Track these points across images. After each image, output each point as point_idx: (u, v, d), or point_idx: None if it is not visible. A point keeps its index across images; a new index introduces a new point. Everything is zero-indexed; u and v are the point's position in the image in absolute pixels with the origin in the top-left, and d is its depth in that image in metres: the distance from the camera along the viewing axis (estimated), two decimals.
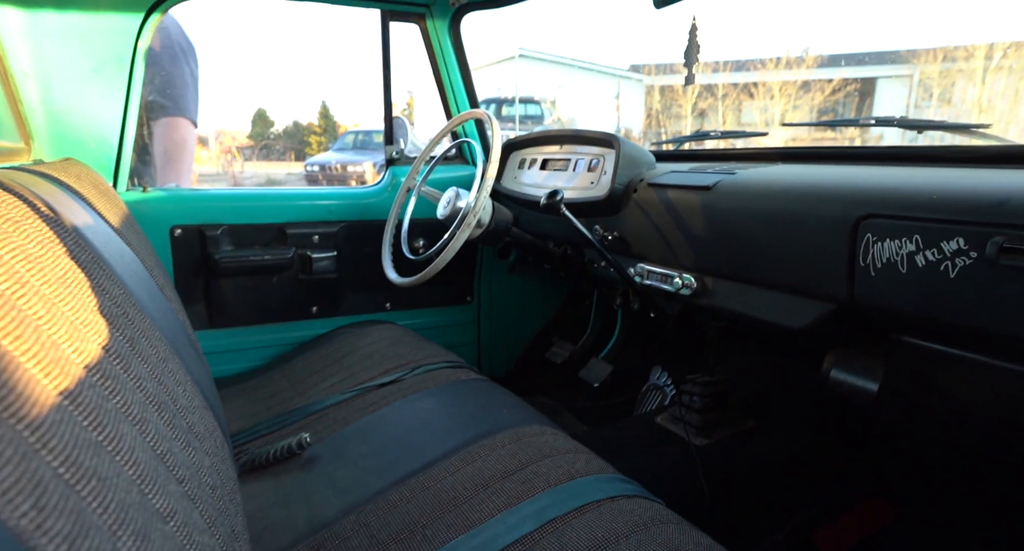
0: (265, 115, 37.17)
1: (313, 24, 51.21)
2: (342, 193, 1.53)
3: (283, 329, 1.48)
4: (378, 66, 1.55)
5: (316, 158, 12.70)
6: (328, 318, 1.53)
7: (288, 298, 1.47)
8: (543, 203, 1.10)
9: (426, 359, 1.23)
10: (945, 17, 28.20)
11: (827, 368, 0.95)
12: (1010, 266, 0.62)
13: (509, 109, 12.75)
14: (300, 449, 0.91)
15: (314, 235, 1.45)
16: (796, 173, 0.96)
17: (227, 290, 1.39)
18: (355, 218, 1.51)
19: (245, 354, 1.45)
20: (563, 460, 0.81)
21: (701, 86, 14.66)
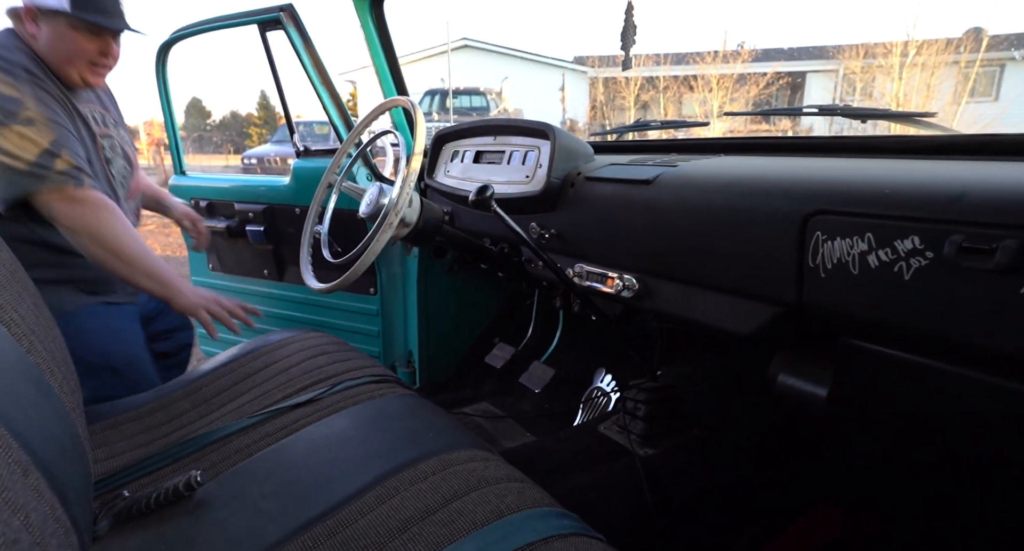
0: (200, 105, 35.15)
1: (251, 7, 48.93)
2: (264, 182, 1.89)
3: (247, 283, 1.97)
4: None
5: (254, 151, 12.41)
6: (277, 282, 1.94)
7: (245, 260, 1.97)
8: (472, 199, 1.00)
9: (348, 373, 1.11)
10: (865, 14, 29.84)
11: (774, 373, 0.89)
12: (970, 267, 0.57)
13: (453, 101, 12.53)
14: (189, 490, 0.77)
15: (249, 212, 1.84)
16: (741, 165, 0.89)
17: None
18: (276, 202, 1.81)
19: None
20: (492, 493, 0.71)
21: (643, 78, 14.89)
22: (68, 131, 1.16)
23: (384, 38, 1.46)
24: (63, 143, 1.12)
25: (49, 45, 1.17)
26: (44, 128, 1.11)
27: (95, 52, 1.18)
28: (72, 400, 0.75)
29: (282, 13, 1.51)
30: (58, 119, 1.14)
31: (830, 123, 8.44)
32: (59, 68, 1.20)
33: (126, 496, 0.76)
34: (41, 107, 1.12)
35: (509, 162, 1.24)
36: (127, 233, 1.13)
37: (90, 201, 1.12)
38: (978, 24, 13.46)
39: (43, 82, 1.15)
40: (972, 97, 12.70)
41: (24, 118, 1.10)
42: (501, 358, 1.62)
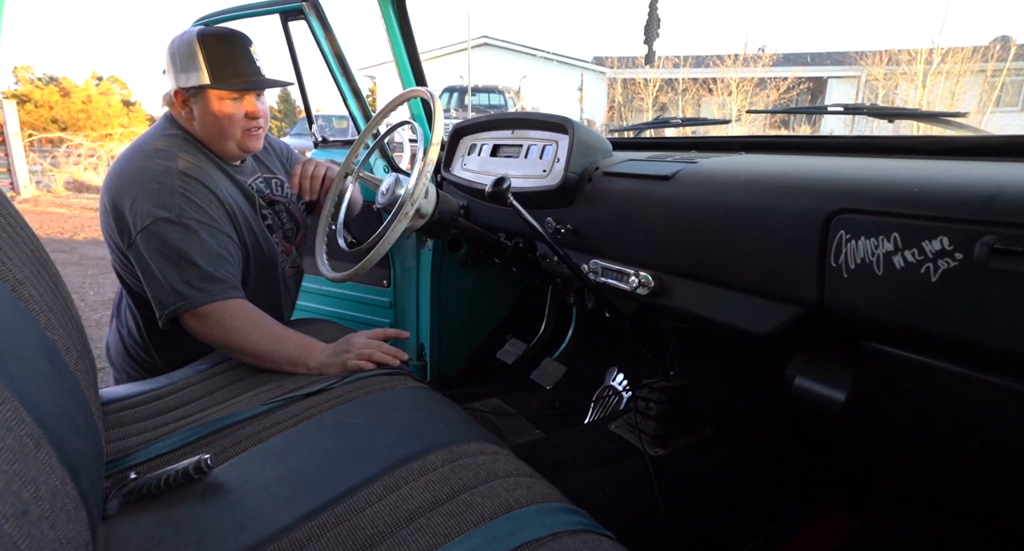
0: None
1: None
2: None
3: None
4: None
5: None
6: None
7: None
8: (488, 191, 0.99)
9: None
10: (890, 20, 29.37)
11: (791, 375, 0.88)
12: (1002, 270, 0.55)
13: (472, 98, 12.52)
14: (199, 473, 0.78)
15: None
16: (763, 163, 0.88)
17: None
18: None
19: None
20: (501, 487, 0.70)
21: (662, 80, 14.77)
22: (213, 228, 1.14)
23: (405, 29, 1.45)
24: (192, 259, 1.10)
25: (203, 123, 1.18)
26: (201, 238, 1.11)
27: (243, 117, 1.17)
28: (87, 379, 0.75)
29: (304, 3, 1.51)
30: (203, 219, 1.13)
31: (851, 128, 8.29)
32: (218, 144, 1.20)
33: (134, 478, 0.76)
34: (188, 212, 1.11)
35: (527, 156, 1.24)
36: (256, 331, 1.10)
37: (214, 314, 1.10)
38: (1006, 33, 13.16)
39: (193, 181, 1.14)
40: (997, 106, 12.45)
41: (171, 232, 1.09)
42: (513, 354, 1.61)
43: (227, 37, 1.16)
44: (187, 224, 1.10)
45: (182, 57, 1.14)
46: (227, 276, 1.14)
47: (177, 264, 1.10)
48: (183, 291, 1.10)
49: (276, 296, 1.38)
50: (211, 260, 1.12)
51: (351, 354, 1.09)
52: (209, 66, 1.13)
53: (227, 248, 1.17)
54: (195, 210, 1.12)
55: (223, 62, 1.13)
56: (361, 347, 1.10)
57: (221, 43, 1.14)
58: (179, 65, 1.15)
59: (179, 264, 1.10)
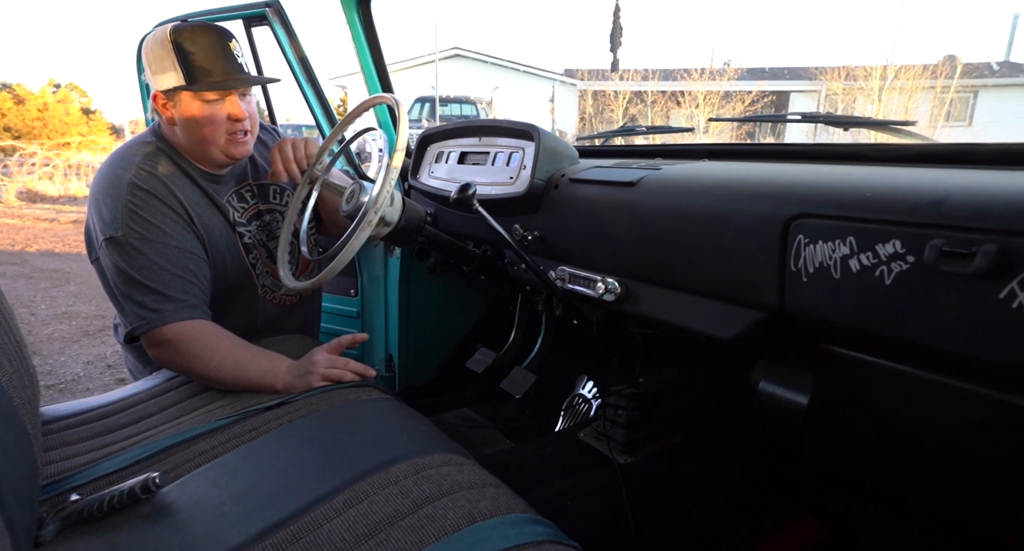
0: None
1: None
2: None
3: None
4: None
5: None
6: None
7: None
8: (453, 197, 0.98)
9: None
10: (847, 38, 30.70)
11: (755, 379, 0.88)
12: (950, 272, 0.56)
13: (443, 109, 12.53)
14: (146, 493, 0.74)
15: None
16: (724, 170, 0.89)
17: None
18: None
19: None
20: (465, 498, 0.69)
21: (631, 92, 15.06)
22: (167, 245, 1.07)
23: (371, 36, 1.44)
24: (141, 280, 1.04)
25: (183, 129, 1.09)
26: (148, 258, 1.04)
27: (225, 119, 1.09)
28: (23, 396, 0.71)
29: (268, 8, 1.49)
30: (152, 236, 1.06)
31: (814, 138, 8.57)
32: (201, 152, 1.12)
33: (75, 500, 0.71)
34: (134, 230, 1.04)
35: (494, 163, 1.23)
36: (216, 357, 1.04)
37: (171, 338, 1.04)
38: (953, 52, 13.85)
39: (144, 194, 1.06)
40: (947, 121, 13.06)
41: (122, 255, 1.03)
42: (482, 363, 1.59)
43: (202, 32, 1.06)
44: (133, 244, 1.04)
45: (156, 57, 1.05)
46: (183, 295, 1.07)
47: (128, 284, 1.04)
48: (138, 313, 1.04)
49: (250, 322, 1.28)
50: (163, 280, 1.05)
51: (315, 374, 1.04)
52: (183, 65, 1.03)
53: (184, 266, 1.09)
54: (143, 227, 1.05)
55: (198, 60, 1.04)
56: (325, 365, 1.05)
57: (196, 39, 1.05)
58: (153, 66, 1.07)
59: (129, 284, 1.04)
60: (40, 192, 10.00)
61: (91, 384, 2.55)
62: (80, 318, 3.43)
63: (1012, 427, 0.58)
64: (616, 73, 14.91)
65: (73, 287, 4.14)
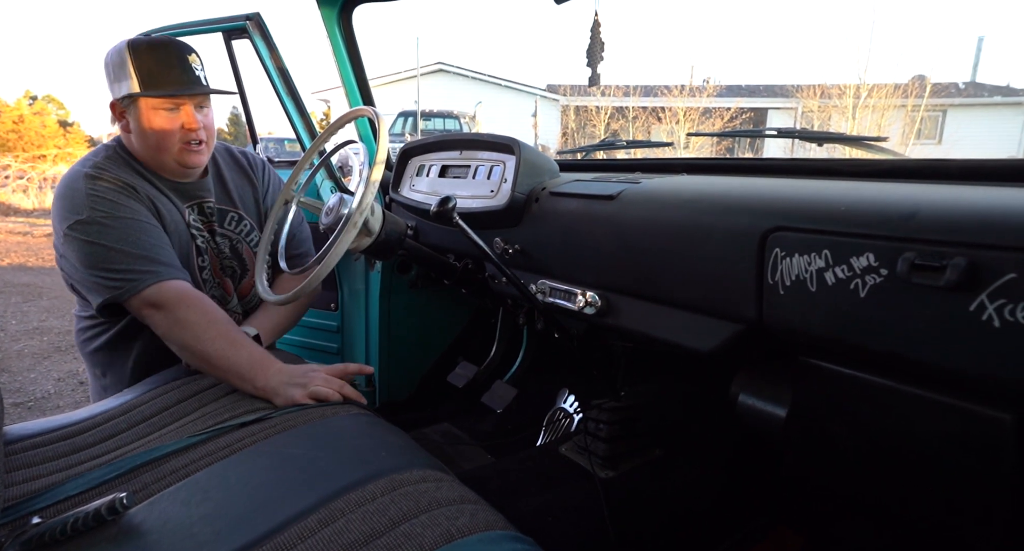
0: None
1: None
2: None
3: None
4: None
5: None
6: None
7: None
8: (433, 210, 0.98)
9: None
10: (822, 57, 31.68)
11: (735, 392, 0.89)
12: (922, 284, 0.57)
13: (426, 123, 12.57)
14: (112, 514, 0.71)
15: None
16: (703, 183, 0.90)
17: None
18: None
19: None
20: (443, 515, 0.67)
21: (613, 108, 15.28)
22: (137, 221, 1.08)
23: (351, 48, 1.44)
24: (121, 247, 1.04)
25: (137, 136, 1.11)
26: (123, 230, 1.04)
27: (179, 128, 1.10)
28: None
29: (248, 22, 1.48)
30: (120, 213, 1.06)
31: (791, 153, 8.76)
32: (155, 159, 1.12)
33: (36, 523, 0.69)
34: (99, 209, 1.04)
35: (475, 176, 1.23)
36: (211, 331, 1.02)
37: (168, 300, 1.03)
38: (923, 72, 14.34)
39: (102, 183, 1.07)
40: (918, 139, 13.46)
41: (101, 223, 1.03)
42: (463, 377, 1.58)
43: (160, 44, 1.08)
44: (102, 221, 1.03)
45: (114, 66, 1.08)
46: (169, 260, 1.07)
47: (107, 256, 1.02)
48: (125, 277, 1.02)
49: None
50: (144, 246, 1.05)
51: (306, 390, 1.00)
52: (139, 73, 1.05)
53: (159, 237, 1.08)
54: (109, 207, 1.05)
55: (154, 69, 1.06)
56: (320, 384, 1.02)
57: (153, 50, 1.07)
58: (112, 75, 1.09)
59: (109, 255, 1.02)
60: (14, 205, 9.79)
61: (62, 401, 2.47)
62: (52, 334, 3.33)
63: (983, 438, 0.59)
64: (595, 88, 15.14)
65: (45, 302, 4.03)
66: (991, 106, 14.54)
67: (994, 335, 0.53)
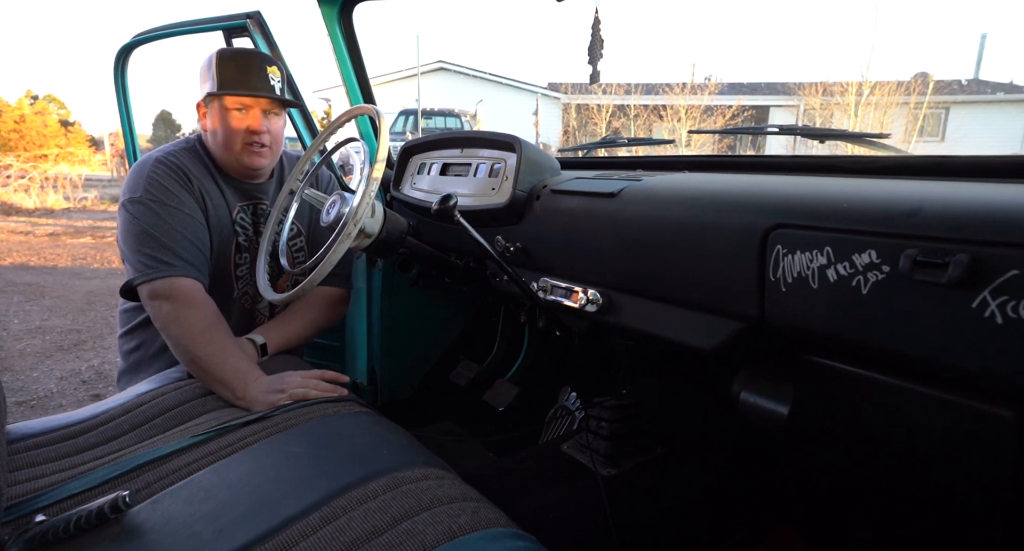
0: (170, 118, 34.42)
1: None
2: None
3: None
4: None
5: None
6: None
7: None
8: (434, 209, 0.98)
9: None
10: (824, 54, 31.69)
11: (737, 390, 0.88)
12: (924, 281, 0.57)
13: (427, 121, 12.56)
14: (115, 513, 0.71)
15: None
16: (704, 181, 0.90)
17: None
18: None
19: None
20: (445, 513, 0.67)
21: (615, 106, 15.25)
22: (180, 211, 1.15)
23: (352, 47, 1.44)
24: (152, 233, 1.11)
25: (211, 134, 1.21)
26: (163, 217, 1.12)
27: (244, 129, 1.18)
28: None
29: (249, 20, 1.48)
30: (169, 201, 1.14)
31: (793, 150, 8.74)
32: (220, 155, 1.21)
33: (40, 521, 0.69)
34: (152, 192, 1.13)
35: (476, 174, 1.23)
36: (205, 334, 1.08)
37: (172, 294, 1.10)
38: (925, 69, 14.28)
39: (166, 168, 1.16)
40: (921, 136, 13.41)
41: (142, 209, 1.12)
42: (465, 376, 1.58)
43: (243, 54, 1.20)
44: (149, 204, 1.12)
45: (203, 70, 1.19)
46: (191, 257, 1.14)
47: (140, 237, 1.11)
48: (147, 263, 1.10)
49: None
50: (174, 238, 1.12)
51: (283, 394, 1.03)
52: (220, 76, 1.16)
53: (193, 232, 1.16)
54: (161, 192, 1.13)
55: (234, 74, 1.16)
56: (296, 386, 1.05)
57: (236, 58, 1.18)
58: (201, 78, 1.19)
59: (142, 237, 1.11)
60: (15, 205, 9.79)
61: (64, 400, 2.47)
62: (54, 333, 3.34)
63: (985, 435, 0.58)
64: (596, 86, 15.13)
65: (48, 301, 4.04)
66: (994, 103, 14.50)
67: (996, 332, 0.53)
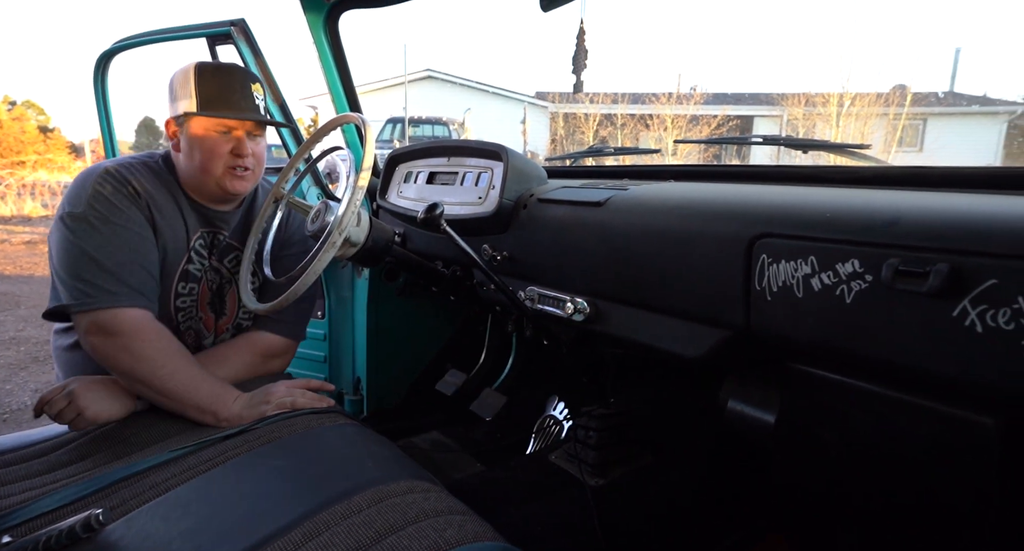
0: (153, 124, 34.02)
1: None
2: None
3: None
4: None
5: None
6: None
7: None
8: (420, 217, 0.97)
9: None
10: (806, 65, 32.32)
11: (724, 398, 0.89)
12: (906, 290, 0.57)
13: (415, 130, 12.57)
14: (88, 532, 0.69)
15: None
16: (690, 190, 0.90)
17: None
18: None
19: None
20: (431, 527, 0.66)
21: (602, 115, 15.39)
22: (129, 230, 1.02)
23: (338, 54, 1.44)
24: (93, 256, 0.98)
25: (186, 154, 1.08)
26: (108, 238, 0.99)
27: (227, 152, 1.07)
28: None
29: (233, 28, 1.47)
30: (116, 219, 1.01)
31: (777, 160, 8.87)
32: (198, 180, 1.09)
33: (7, 542, 0.66)
34: (97, 208, 1.00)
35: (462, 183, 1.23)
36: (169, 365, 0.98)
37: (122, 329, 0.97)
38: (903, 81, 14.64)
39: (114, 180, 1.03)
40: (900, 146, 13.70)
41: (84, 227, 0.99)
42: (452, 385, 1.56)
43: (225, 69, 1.09)
44: (92, 222, 0.99)
45: (177, 85, 1.07)
46: (137, 284, 1.01)
47: (79, 259, 0.97)
48: (84, 290, 0.96)
49: None
50: (119, 261, 1.00)
51: (269, 405, 1.00)
52: (199, 94, 1.05)
53: (143, 254, 1.03)
54: (107, 208, 1.00)
55: (215, 92, 1.05)
56: (282, 395, 1.02)
57: (218, 74, 1.07)
58: (172, 94, 1.08)
59: (81, 259, 0.97)
60: None
61: None
62: (29, 344, 3.27)
63: (967, 442, 0.59)
64: (583, 95, 15.27)
65: (23, 311, 3.95)
66: (969, 115, 14.88)
67: (976, 340, 0.54)
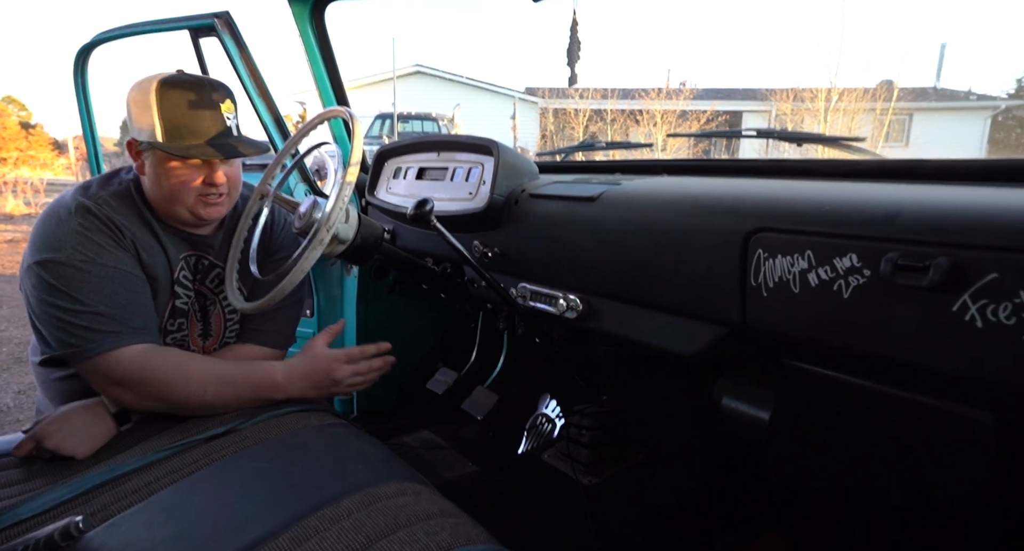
0: None
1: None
2: None
3: None
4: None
5: None
6: None
7: None
8: (410, 213, 0.95)
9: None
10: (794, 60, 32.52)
11: (718, 396, 0.88)
12: (905, 285, 0.56)
13: (404, 126, 12.49)
14: (66, 540, 0.67)
15: None
16: (684, 185, 0.89)
17: None
18: None
19: None
20: (422, 530, 0.65)
21: (592, 111, 15.39)
22: (120, 270, 0.96)
23: (324, 47, 1.41)
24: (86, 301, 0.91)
25: (151, 182, 0.99)
26: (101, 281, 0.92)
27: (199, 183, 0.98)
28: None
29: (217, 20, 1.44)
30: (104, 261, 0.94)
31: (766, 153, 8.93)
32: (166, 208, 1.01)
33: None
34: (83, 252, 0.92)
35: (452, 179, 1.21)
36: (194, 381, 0.94)
37: (136, 371, 0.92)
38: (889, 77, 14.76)
39: (95, 220, 0.95)
40: (887, 142, 13.83)
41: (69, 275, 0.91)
42: (443, 383, 1.55)
43: (192, 87, 0.97)
44: (79, 266, 0.91)
45: (137, 105, 0.96)
46: (140, 322, 0.95)
47: (74, 306, 0.90)
48: (85, 336, 0.91)
49: None
50: (118, 304, 0.93)
51: (340, 386, 1.02)
52: (163, 120, 0.94)
53: (140, 292, 0.98)
54: (93, 251, 0.93)
55: (180, 118, 0.95)
56: (348, 379, 1.03)
57: (183, 94, 0.95)
58: (132, 113, 0.97)
59: (76, 307, 0.90)
60: None
61: (22, 415, 2.37)
62: (11, 344, 3.20)
63: (965, 438, 0.58)
64: (574, 88, 15.25)
65: (5, 311, 3.88)
66: (954, 110, 15.04)
67: (977, 335, 0.53)
